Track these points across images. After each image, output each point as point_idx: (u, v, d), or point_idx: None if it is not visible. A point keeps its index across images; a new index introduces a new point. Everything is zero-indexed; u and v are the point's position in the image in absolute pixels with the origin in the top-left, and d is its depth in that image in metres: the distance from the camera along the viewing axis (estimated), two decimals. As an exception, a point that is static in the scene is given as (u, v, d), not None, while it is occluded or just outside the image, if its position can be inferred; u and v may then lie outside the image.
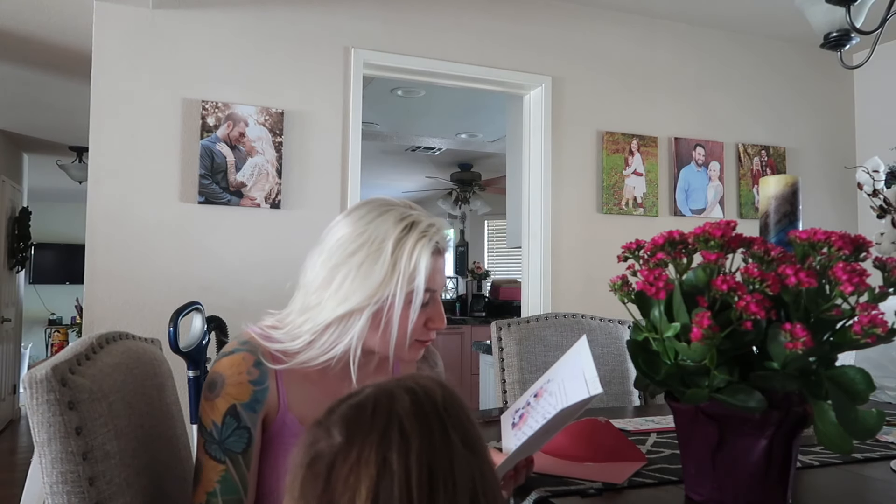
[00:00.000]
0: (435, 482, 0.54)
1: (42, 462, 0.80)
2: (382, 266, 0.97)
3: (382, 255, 0.97)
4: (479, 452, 0.59)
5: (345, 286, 0.98)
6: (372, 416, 0.56)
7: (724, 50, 3.50)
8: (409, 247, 0.98)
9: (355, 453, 0.54)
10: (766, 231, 1.23)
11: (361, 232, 0.99)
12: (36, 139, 5.33)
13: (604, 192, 3.16)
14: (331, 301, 0.98)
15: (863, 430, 0.79)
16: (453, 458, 0.56)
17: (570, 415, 0.91)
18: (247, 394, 0.97)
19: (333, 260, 0.99)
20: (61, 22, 2.95)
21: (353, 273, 0.98)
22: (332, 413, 0.59)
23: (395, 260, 0.97)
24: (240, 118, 2.56)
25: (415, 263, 0.98)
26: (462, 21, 2.96)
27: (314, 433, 0.58)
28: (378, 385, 0.61)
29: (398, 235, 0.98)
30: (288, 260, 2.56)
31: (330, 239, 1.02)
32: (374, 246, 0.98)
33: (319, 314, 0.99)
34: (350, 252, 0.99)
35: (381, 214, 1.01)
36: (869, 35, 1.80)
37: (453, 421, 0.58)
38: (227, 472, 0.95)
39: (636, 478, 1.08)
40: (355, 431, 0.56)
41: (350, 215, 1.04)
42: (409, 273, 0.97)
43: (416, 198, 7.85)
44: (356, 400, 0.59)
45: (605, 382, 1.97)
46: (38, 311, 8.01)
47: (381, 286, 0.97)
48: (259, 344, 1.01)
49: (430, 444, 0.55)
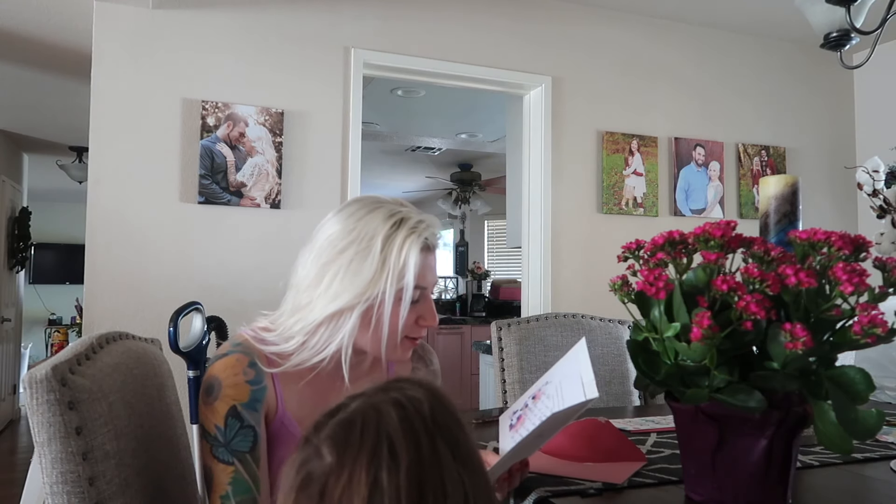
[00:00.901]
0: (425, 498, 0.54)
1: (42, 462, 0.80)
2: (372, 263, 0.97)
3: (372, 253, 0.97)
4: (470, 464, 0.59)
5: (335, 284, 0.98)
6: (361, 435, 0.56)
7: (725, 50, 3.50)
8: (399, 243, 0.98)
9: (346, 474, 0.54)
10: (766, 231, 1.23)
11: (351, 229, 0.99)
12: (36, 139, 5.33)
13: (604, 192, 3.16)
14: (321, 300, 0.98)
15: (863, 430, 0.79)
16: (444, 473, 0.56)
17: (565, 418, 0.91)
18: (245, 394, 0.97)
19: (323, 258, 1.00)
20: (61, 22, 2.95)
21: (343, 271, 0.97)
22: (321, 430, 0.58)
23: (385, 257, 0.97)
24: (240, 118, 2.56)
25: (404, 260, 0.98)
26: (462, 21, 2.96)
27: (304, 452, 0.58)
28: (364, 398, 0.60)
29: (387, 232, 0.98)
30: (288, 260, 2.52)
31: (319, 237, 1.02)
32: (364, 243, 0.98)
33: (310, 313, 0.99)
34: (339, 250, 0.99)
35: (371, 212, 1.01)
36: (869, 35, 1.80)
37: (443, 433, 0.58)
38: (237, 472, 0.95)
39: (636, 478, 1.08)
40: (345, 451, 0.56)
41: (339, 213, 1.03)
42: (399, 270, 0.97)
43: (416, 198, 7.85)
44: (344, 416, 0.58)
45: (605, 382, 1.97)
46: (38, 311, 8.01)
47: (370, 284, 0.97)
48: (252, 345, 1.01)
49: (419, 460, 0.55)
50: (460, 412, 0.62)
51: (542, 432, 0.91)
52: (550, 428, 0.93)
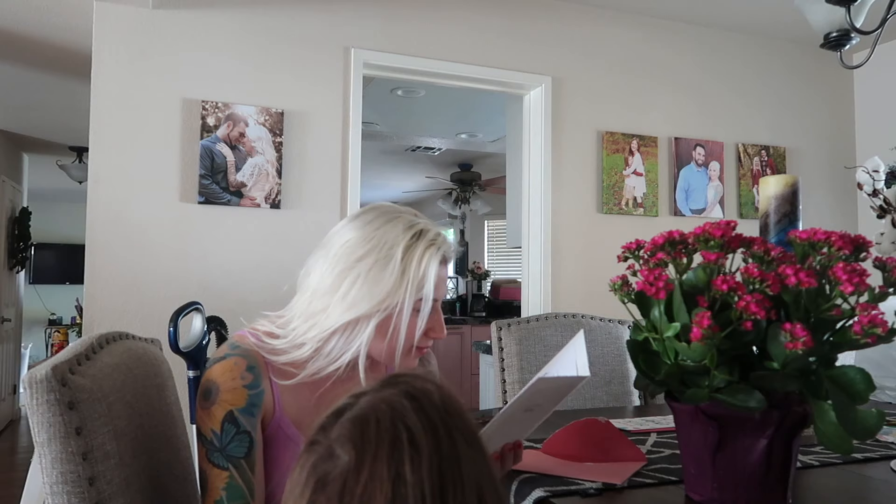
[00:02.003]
0: (445, 488, 0.54)
1: (42, 462, 0.80)
2: (392, 272, 0.96)
3: (392, 262, 0.97)
4: (479, 448, 0.59)
5: (353, 291, 0.97)
6: (377, 430, 0.55)
7: (724, 50, 3.50)
8: (419, 255, 0.98)
9: (367, 471, 0.53)
10: (766, 231, 1.23)
11: (370, 237, 0.98)
12: (36, 139, 5.33)
13: (604, 192, 3.16)
14: (338, 307, 0.97)
15: (863, 430, 0.79)
16: (461, 461, 0.56)
17: (555, 391, 0.91)
18: (242, 399, 0.96)
19: (340, 265, 0.98)
20: (61, 22, 2.95)
21: (362, 278, 0.97)
22: (329, 430, 0.57)
23: (405, 267, 0.97)
24: (240, 118, 2.56)
25: (423, 271, 0.97)
26: (462, 21, 2.96)
27: (314, 454, 0.56)
28: (372, 393, 0.59)
29: (407, 242, 0.98)
30: (288, 260, 2.57)
31: (335, 243, 1.01)
32: (383, 252, 0.97)
33: (326, 319, 0.98)
34: (358, 257, 0.98)
35: (389, 221, 1.00)
36: (869, 35, 1.80)
37: (456, 422, 0.58)
38: (232, 478, 0.94)
39: (636, 478, 1.08)
40: (364, 448, 0.54)
41: (356, 220, 1.03)
42: (419, 281, 0.97)
43: (415, 198, 7.85)
44: (355, 413, 0.57)
45: (605, 382, 1.97)
46: (38, 311, 8.01)
47: (390, 293, 0.96)
48: (251, 349, 1.00)
49: (438, 451, 0.55)
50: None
51: (530, 403, 0.90)
52: (540, 400, 0.92)
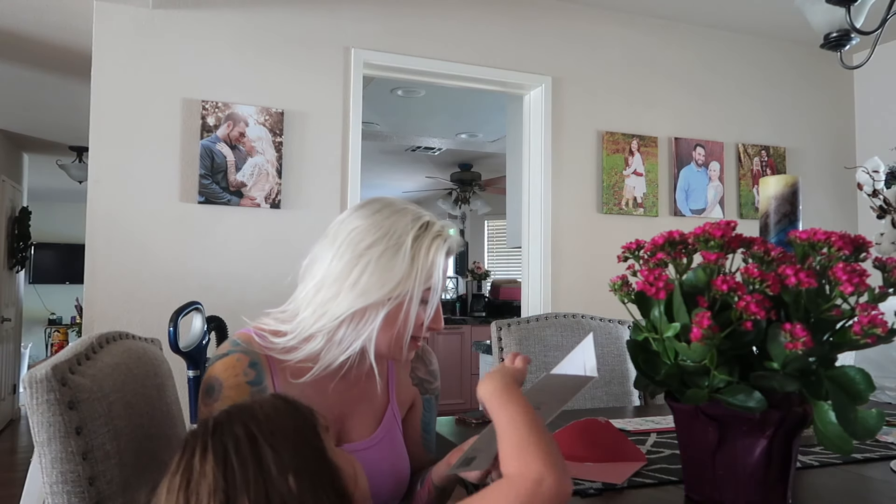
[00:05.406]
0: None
1: (42, 462, 0.80)
2: (403, 261, 0.97)
3: (402, 250, 0.97)
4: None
5: (363, 278, 0.96)
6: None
7: (725, 50, 3.50)
8: (427, 245, 0.99)
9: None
10: (766, 231, 1.23)
11: (379, 225, 0.99)
12: (36, 139, 5.33)
13: (604, 192, 3.16)
14: (348, 294, 0.97)
15: (863, 430, 0.79)
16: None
17: (561, 389, 0.90)
18: (245, 395, 0.96)
19: (349, 253, 0.98)
20: (61, 22, 2.95)
21: (373, 265, 0.97)
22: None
23: (414, 255, 0.98)
24: (240, 118, 2.56)
25: (431, 261, 0.98)
26: (462, 21, 2.96)
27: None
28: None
29: (416, 233, 0.99)
30: (288, 260, 2.56)
31: (341, 231, 1.01)
32: (393, 240, 0.98)
33: (336, 308, 0.97)
34: (367, 244, 0.98)
35: (397, 212, 1.01)
36: (869, 35, 1.80)
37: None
38: None
39: (636, 478, 1.08)
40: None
41: (362, 209, 1.03)
42: (427, 270, 0.98)
43: (415, 198, 7.85)
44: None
45: (605, 382, 1.97)
46: (38, 310, 8.01)
47: (401, 281, 0.97)
48: (254, 345, 1.00)
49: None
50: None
51: (536, 400, 0.90)
52: (545, 399, 0.91)
